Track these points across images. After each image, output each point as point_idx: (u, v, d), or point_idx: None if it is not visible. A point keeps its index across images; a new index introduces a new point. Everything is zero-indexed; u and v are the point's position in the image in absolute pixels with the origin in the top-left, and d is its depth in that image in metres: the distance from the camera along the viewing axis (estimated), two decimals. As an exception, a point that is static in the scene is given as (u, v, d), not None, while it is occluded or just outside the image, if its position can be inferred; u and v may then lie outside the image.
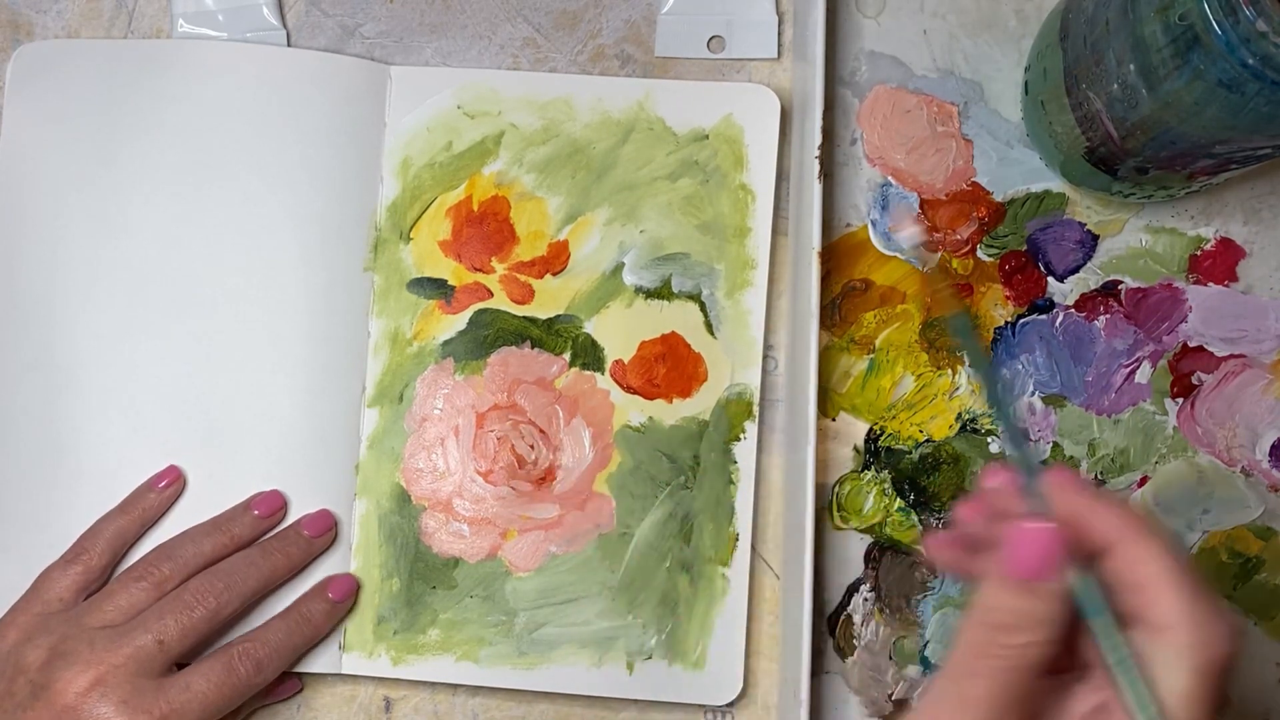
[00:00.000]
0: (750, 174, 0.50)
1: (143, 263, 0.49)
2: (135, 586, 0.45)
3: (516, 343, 0.50)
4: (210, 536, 0.47)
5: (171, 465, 0.49)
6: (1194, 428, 0.50)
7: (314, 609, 0.47)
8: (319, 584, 0.48)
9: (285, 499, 0.49)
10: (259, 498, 0.48)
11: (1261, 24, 0.35)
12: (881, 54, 0.52)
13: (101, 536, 0.47)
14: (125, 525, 0.48)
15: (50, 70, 0.50)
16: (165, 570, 0.45)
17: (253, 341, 0.49)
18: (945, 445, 0.50)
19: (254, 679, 0.44)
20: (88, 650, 0.43)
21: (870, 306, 0.51)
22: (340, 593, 0.48)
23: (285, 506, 0.49)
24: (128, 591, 0.45)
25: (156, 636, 0.43)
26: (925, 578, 0.50)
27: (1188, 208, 0.51)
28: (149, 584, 0.45)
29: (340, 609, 0.48)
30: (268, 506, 0.48)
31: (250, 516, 0.48)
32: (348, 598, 0.48)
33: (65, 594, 0.46)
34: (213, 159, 0.50)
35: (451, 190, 0.51)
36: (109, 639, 0.43)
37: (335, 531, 0.49)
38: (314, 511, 0.49)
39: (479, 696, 0.50)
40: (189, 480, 0.49)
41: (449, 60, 0.52)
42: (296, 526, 0.48)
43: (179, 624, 0.44)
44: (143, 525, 0.48)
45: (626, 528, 0.49)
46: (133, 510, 0.48)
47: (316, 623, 0.47)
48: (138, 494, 0.48)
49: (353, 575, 0.49)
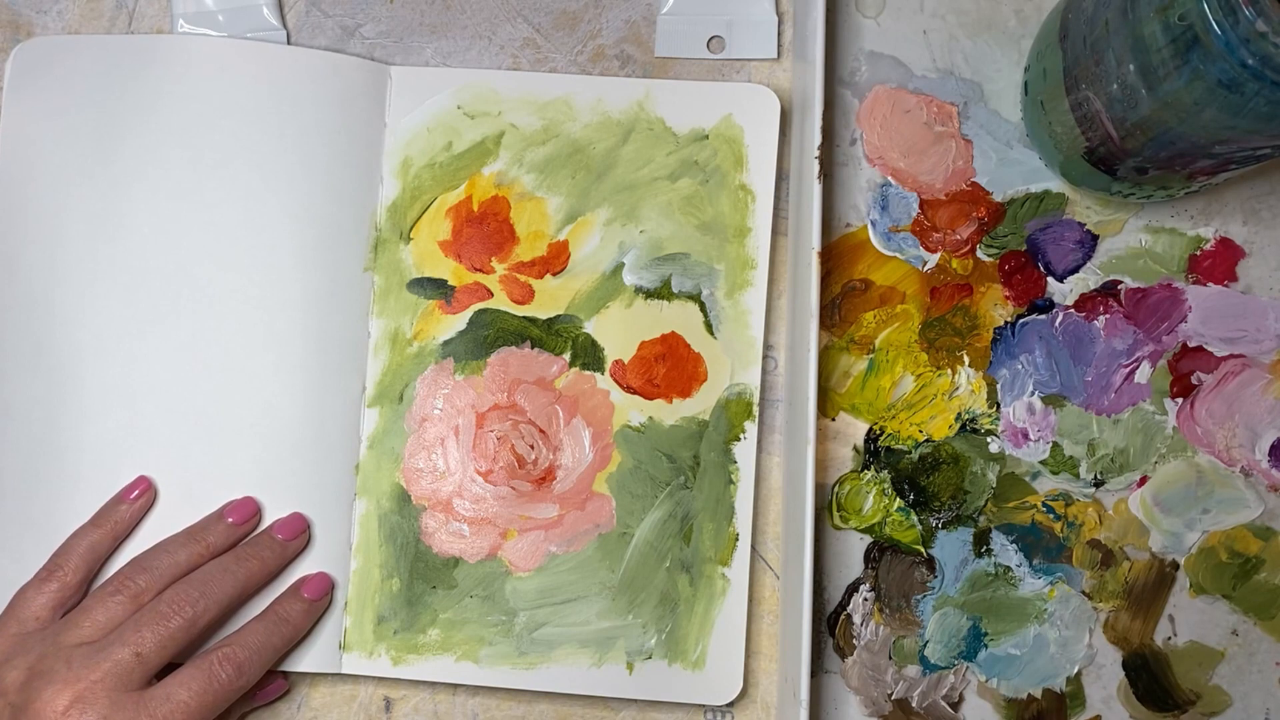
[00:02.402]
0: (750, 174, 0.50)
1: (142, 261, 0.49)
2: (111, 601, 0.45)
3: (516, 343, 0.50)
4: (185, 547, 0.47)
5: (141, 476, 0.48)
6: (1194, 428, 0.50)
7: (291, 609, 0.47)
8: (294, 584, 0.48)
9: (259, 505, 0.48)
10: (232, 505, 0.48)
11: (1261, 24, 0.35)
12: (881, 54, 0.52)
13: (75, 552, 0.47)
14: (98, 539, 0.47)
15: (50, 67, 0.50)
16: (141, 583, 0.45)
17: (252, 341, 0.49)
18: (945, 445, 0.50)
19: (235, 683, 0.44)
20: (65, 668, 0.42)
21: (870, 306, 0.51)
22: (315, 591, 0.48)
23: (260, 512, 0.48)
24: (104, 606, 0.44)
25: (134, 650, 0.43)
26: (925, 577, 0.50)
27: (1187, 208, 0.51)
28: (125, 597, 0.45)
29: (317, 607, 0.48)
30: (242, 513, 0.48)
31: (224, 524, 0.48)
32: (323, 595, 0.48)
33: (41, 613, 0.45)
34: (212, 158, 0.50)
35: (451, 190, 0.51)
36: (86, 655, 0.43)
37: (309, 534, 0.49)
38: (286, 515, 0.49)
39: (479, 696, 0.50)
40: (189, 480, 0.49)
41: (449, 60, 0.52)
42: (269, 531, 0.48)
43: (156, 635, 0.43)
44: (115, 538, 0.48)
45: (626, 528, 0.49)
46: (105, 524, 0.48)
47: (295, 622, 0.47)
48: (109, 507, 0.48)
49: (326, 574, 0.49)
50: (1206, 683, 0.49)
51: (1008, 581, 0.49)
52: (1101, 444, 0.50)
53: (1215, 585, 0.49)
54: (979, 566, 0.50)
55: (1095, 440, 0.50)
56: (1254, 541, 0.50)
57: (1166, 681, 0.49)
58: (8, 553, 0.48)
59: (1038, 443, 0.50)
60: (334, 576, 0.49)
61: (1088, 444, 0.50)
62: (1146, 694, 0.49)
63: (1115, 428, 0.50)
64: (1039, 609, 0.49)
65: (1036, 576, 0.49)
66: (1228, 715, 0.49)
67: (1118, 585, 0.49)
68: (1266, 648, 0.49)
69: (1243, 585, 0.49)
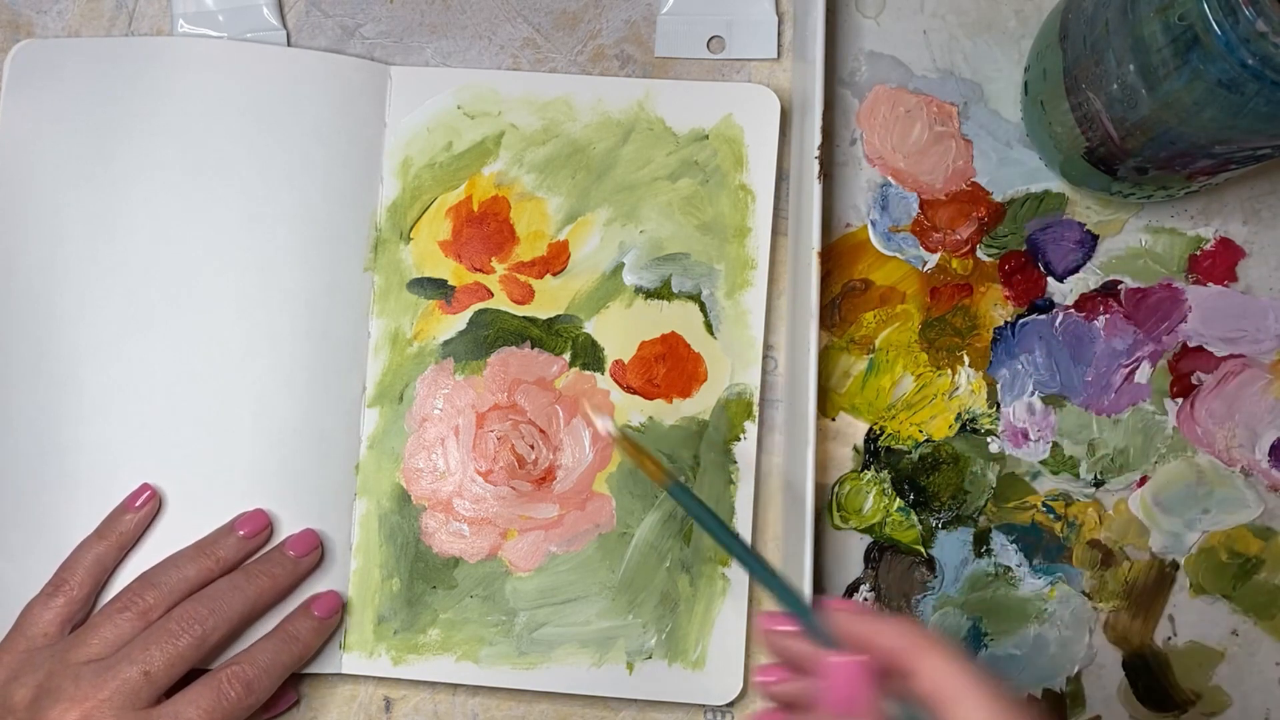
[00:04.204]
0: (750, 174, 0.50)
1: (141, 262, 0.49)
2: (120, 617, 0.44)
3: (516, 343, 0.50)
4: (194, 561, 0.46)
5: (145, 484, 0.48)
6: (1194, 428, 0.50)
7: (301, 627, 0.47)
8: (304, 602, 0.47)
9: (270, 518, 0.48)
10: (243, 518, 0.48)
11: (1261, 24, 0.35)
12: (881, 54, 0.52)
13: (81, 565, 0.46)
14: (104, 551, 0.47)
15: (48, 68, 0.50)
16: (150, 599, 0.45)
17: (252, 341, 0.49)
18: (945, 445, 0.50)
19: (244, 701, 0.43)
20: (73, 686, 0.42)
21: (870, 306, 0.51)
22: (325, 610, 0.47)
23: (271, 525, 0.48)
24: (112, 623, 0.44)
25: (142, 668, 0.42)
26: (925, 577, 0.50)
27: (1187, 208, 0.51)
28: (133, 614, 0.44)
29: (327, 625, 0.47)
30: (252, 526, 0.47)
31: (235, 538, 0.47)
32: (333, 614, 0.48)
33: (49, 628, 0.45)
34: (212, 158, 0.50)
35: (451, 190, 0.51)
36: (94, 673, 0.42)
37: (321, 550, 0.48)
38: (298, 531, 0.48)
39: (479, 696, 0.50)
40: (188, 481, 0.49)
41: (449, 60, 0.52)
42: (281, 547, 0.47)
43: (165, 654, 0.43)
44: (121, 549, 0.47)
45: (626, 528, 0.49)
46: (110, 535, 0.47)
47: (305, 640, 0.46)
48: (114, 517, 0.48)
49: (337, 592, 0.48)
50: (1206, 683, 0.49)
51: (1008, 581, 0.49)
52: (1101, 444, 0.50)
53: (1215, 585, 0.49)
54: (979, 566, 0.50)
55: (1095, 440, 0.50)
56: (1254, 541, 0.50)
57: (1166, 681, 0.49)
58: (7, 553, 0.48)
59: (1038, 443, 0.50)
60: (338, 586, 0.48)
61: (1088, 444, 0.50)
62: (1146, 694, 0.49)
63: (1115, 428, 0.50)
64: (1039, 609, 0.49)
65: (1036, 576, 0.49)
66: (1228, 715, 0.49)
67: (1118, 585, 0.49)
68: (1266, 648, 0.49)
69: (1243, 585, 0.49)
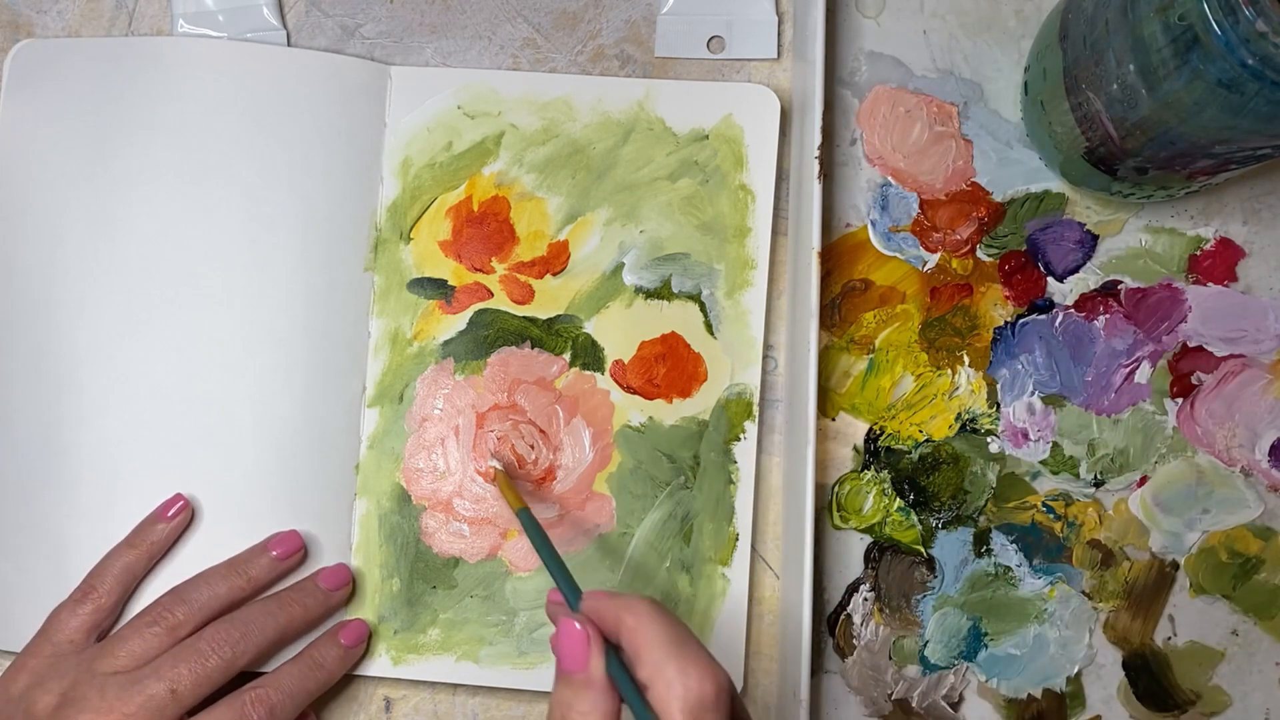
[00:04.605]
0: (750, 174, 0.50)
1: (141, 262, 0.49)
2: (148, 631, 0.44)
3: (516, 343, 0.50)
4: (226, 579, 0.46)
5: (178, 494, 0.48)
6: (1194, 428, 0.50)
7: (327, 654, 0.46)
8: (331, 629, 0.47)
9: (304, 540, 0.48)
10: (277, 538, 0.47)
11: (1261, 24, 0.35)
12: (881, 54, 0.52)
13: (109, 573, 0.46)
14: (133, 560, 0.47)
15: (48, 68, 0.50)
16: (179, 615, 0.44)
17: (253, 341, 0.49)
18: (945, 445, 0.50)
19: None
20: (98, 697, 0.42)
21: (870, 306, 0.51)
22: (352, 638, 0.47)
23: (304, 548, 0.48)
24: (140, 636, 0.44)
25: (170, 685, 0.42)
26: (925, 577, 0.50)
27: (1187, 208, 0.51)
28: (162, 629, 0.44)
29: (353, 654, 0.47)
30: (286, 548, 0.47)
31: (268, 558, 0.47)
32: (359, 643, 0.48)
33: (76, 635, 0.45)
34: (212, 158, 0.50)
35: (451, 190, 0.51)
36: (121, 686, 0.42)
37: (352, 585, 0.48)
38: (331, 565, 0.48)
39: (479, 696, 0.50)
40: (188, 481, 0.48)
41: (449, 60, 0.52)
42: (314, 579, 0.47)
43: (193, 673, 0.43)
44: (151, 559, 0.47)
45: (626, 528, 0.49)
46: (140, 544, 0.47)
47: (329, 668, 0.46)
48: (145, 526, 0.47)
49: (364, 621, 0.48)
50: (1206, 683, 0.49)
51: (1008, 581, 0.49)
52: (1101, 444, 0.50)
53: (1215, 585, 0.49)
54: (979, 566, 0.50)
55: (1095, 440, 0.50)
56: (1254, 541, 0.50)
57: (1166, 681, 0.49)
58: (7, 553, 0.48)
59: (1038, 443, 0.50)
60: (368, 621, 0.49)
61: (1088, 444, 0.50)
62: (1146, 694, 0.49)
63: (1115, 428, 0.50)
64: (1039, 609, 0.49)
65: (1036, 576, 0.49)
66: (1228, 715, 0.49)
67: (1118, 585, 0.49)
68: (1266, 648, 0.49)
69: (1243, 585, 0.49)
